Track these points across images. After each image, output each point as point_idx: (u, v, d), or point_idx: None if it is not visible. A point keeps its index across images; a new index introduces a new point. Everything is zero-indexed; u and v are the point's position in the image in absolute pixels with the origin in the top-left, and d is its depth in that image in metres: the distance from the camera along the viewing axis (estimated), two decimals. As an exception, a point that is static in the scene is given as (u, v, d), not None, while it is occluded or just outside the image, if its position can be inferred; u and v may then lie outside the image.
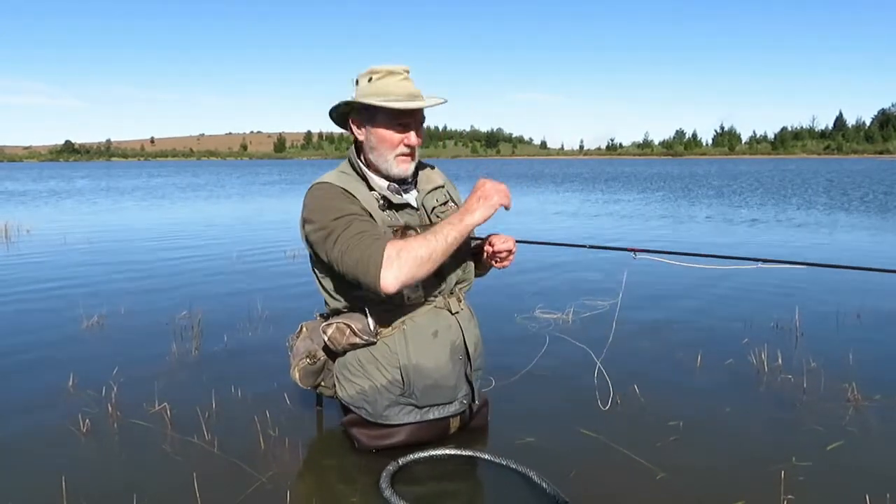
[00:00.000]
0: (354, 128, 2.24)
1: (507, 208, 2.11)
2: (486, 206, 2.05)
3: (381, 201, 2.19)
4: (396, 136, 2.17)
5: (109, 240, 8.76)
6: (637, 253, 2.50)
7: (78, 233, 9.53)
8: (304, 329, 2.42)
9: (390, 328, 2.18)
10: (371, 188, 2.21)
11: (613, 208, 13.92)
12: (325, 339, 2.21)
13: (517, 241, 2.34)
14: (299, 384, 2.33)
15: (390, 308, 2.18)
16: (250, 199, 18.15)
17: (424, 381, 2.17)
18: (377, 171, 2.24)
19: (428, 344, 2.19)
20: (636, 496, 2.01)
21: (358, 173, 2.23)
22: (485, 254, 2.33)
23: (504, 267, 2.35)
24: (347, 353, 2.24)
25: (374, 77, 2.16)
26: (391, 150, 2.18)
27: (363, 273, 1.98)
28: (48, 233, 9.59)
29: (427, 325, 2.20)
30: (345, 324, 2.17)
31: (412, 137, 2.18)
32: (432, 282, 2.20)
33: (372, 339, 2.17)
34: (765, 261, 2.48)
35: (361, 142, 2.25)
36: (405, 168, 2.21)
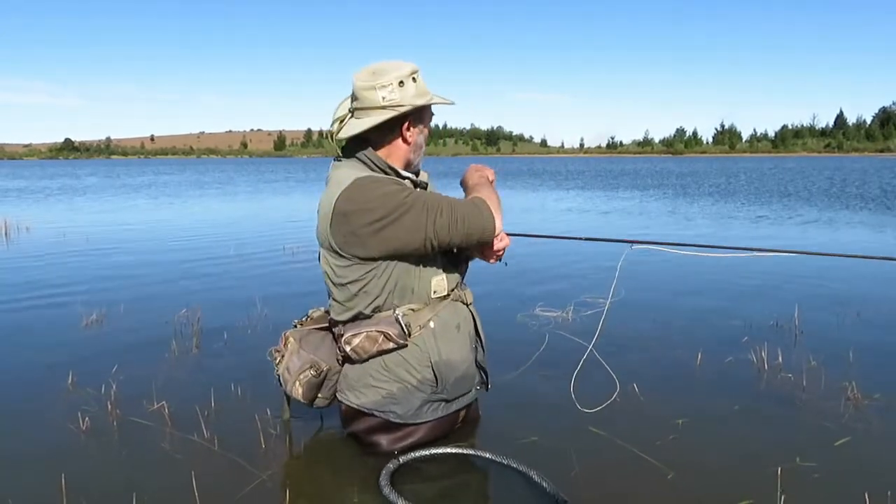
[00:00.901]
0: (406, 129, 2.16)
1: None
2: (488, 172, 2.33)
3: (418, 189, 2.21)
4: (426, 132, 2.26)
5: (110, 237, 8.75)
6: (634, 244, 2.51)
7: (78, 230, 9.54)
8: (291, 339, 2.33)
9: (418, 328, 2.16)
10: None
11: (621, 205, 13.91)
12: (349, 349, 2.15)
13: (511, 234, 2.34)
14: (301, 399, 2.27)
15: (416, 307, 2.17)
16: (259, 197, 18.14)
17: (454, 374, 2.20)
18: (402, 170, 2.21)
19: (454, 337, 2.21)
20: (637, 495, 2.01)
21: (385, 173, 2.15)
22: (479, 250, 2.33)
23: (495, 262, 2.36)
24: (370, 360, 2.17)
25: (416, 76, 2.15)
26: (424, 146, 2.25)
27: (479, 222, 2.08)
28: (48, 231, 9.58)
29: (451, 320, 2.22)
30: (377, 331, 2.11)
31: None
32: (454, 274, 2.25)
33: (404, 343, 2.14)
34: (758, 250, 2.52)
35: (402, 143, 2.17)
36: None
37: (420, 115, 2.20)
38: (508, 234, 2.32)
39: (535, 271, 5.67)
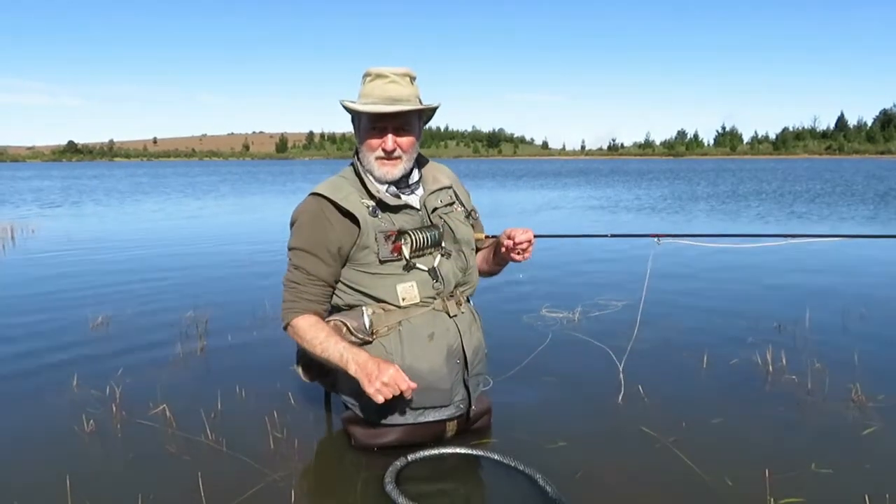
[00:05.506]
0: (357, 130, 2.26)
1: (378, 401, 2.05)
2: (364, 375, 2.03)
3: (371, 207, 2.17)
4: (374, 140, 2.18)
5: (116, 239, 8.76)
6: (660, 238, 2.48)
7: (86, 233, 9.54)
8: None
9: (386, 328, 2.17)
10: (369, 192, 2.19)
11: (631, 203, 13.89)
12: None
13: (538, 236, 2.34)
14: (303, 378, 2.36)
15: (388, 308, 2.17)
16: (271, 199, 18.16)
17: (417, 383, 2.12)
18: (375, 178, 2.22)
19: (423, 346, 2.17)
20: (640, 496, 2.00)
21: (358, 177, 2.23)
22: (503, 248, 2.32)
23: (524, 259, 2.35)
24: None
25: (367, 79, 2.17)
26: (371, 153, 2.19)
27: (281, 313, 2.24)
28: (55, 233, 9.59)
29: (423, 328, 2.18)
30: (341, 321, 2.17)
31: (388, 142, 2.16)
32: (428, 284, 2.20)
33: (367, 339, 2.16)
34: (793, 236, 2.46)
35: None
36: (385, 171, 2.19)
37: (357, 116, 2.23)
38: (536, 236, 2.32)
39: (543, 271, 5.66)
